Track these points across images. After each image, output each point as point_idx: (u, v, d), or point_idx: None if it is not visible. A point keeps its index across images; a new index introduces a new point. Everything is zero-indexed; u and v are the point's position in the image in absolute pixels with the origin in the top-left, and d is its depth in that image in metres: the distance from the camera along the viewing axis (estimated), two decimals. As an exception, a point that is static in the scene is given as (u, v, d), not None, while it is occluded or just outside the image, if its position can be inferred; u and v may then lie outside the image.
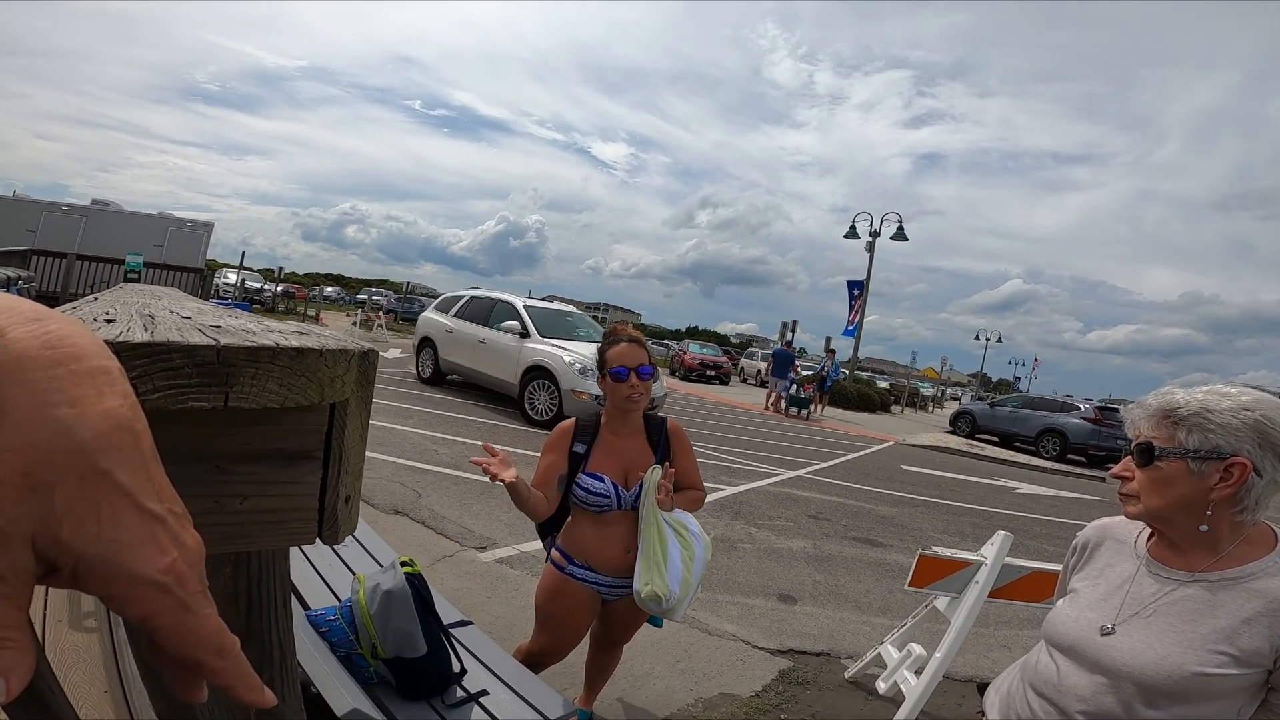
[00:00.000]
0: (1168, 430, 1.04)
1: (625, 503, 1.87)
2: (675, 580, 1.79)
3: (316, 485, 0.48)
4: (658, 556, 1.80)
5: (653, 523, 1.83)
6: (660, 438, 1.99)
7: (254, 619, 0.60)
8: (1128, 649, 1.05)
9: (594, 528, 1.90)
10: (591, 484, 1.86)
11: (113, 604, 0.26)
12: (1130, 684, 1.03)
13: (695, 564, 1.86)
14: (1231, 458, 0.98)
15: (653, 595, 1.76)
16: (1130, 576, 1.13)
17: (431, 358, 10.23)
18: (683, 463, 2.00)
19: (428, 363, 10.34)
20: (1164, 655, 1.01)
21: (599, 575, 1.90)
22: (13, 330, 0.25)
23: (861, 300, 16.15)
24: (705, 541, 1.93)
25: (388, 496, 4.52)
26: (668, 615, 1.84)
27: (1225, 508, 1.00)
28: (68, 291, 13.59)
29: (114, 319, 0.48)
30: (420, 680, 1.54)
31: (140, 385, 0.34)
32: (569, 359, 7.96)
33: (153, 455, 0.27)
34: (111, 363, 0.27)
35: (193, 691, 0.29)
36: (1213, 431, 0.99)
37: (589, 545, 1.91)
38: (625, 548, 1.88)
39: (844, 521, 5.74)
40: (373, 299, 31.92)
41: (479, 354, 9.23)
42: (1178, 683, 0.99)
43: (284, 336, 0.45)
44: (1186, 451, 1.01)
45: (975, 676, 3.10)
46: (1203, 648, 0.99)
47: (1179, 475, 1.02)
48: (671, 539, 1.84)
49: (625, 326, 2.08)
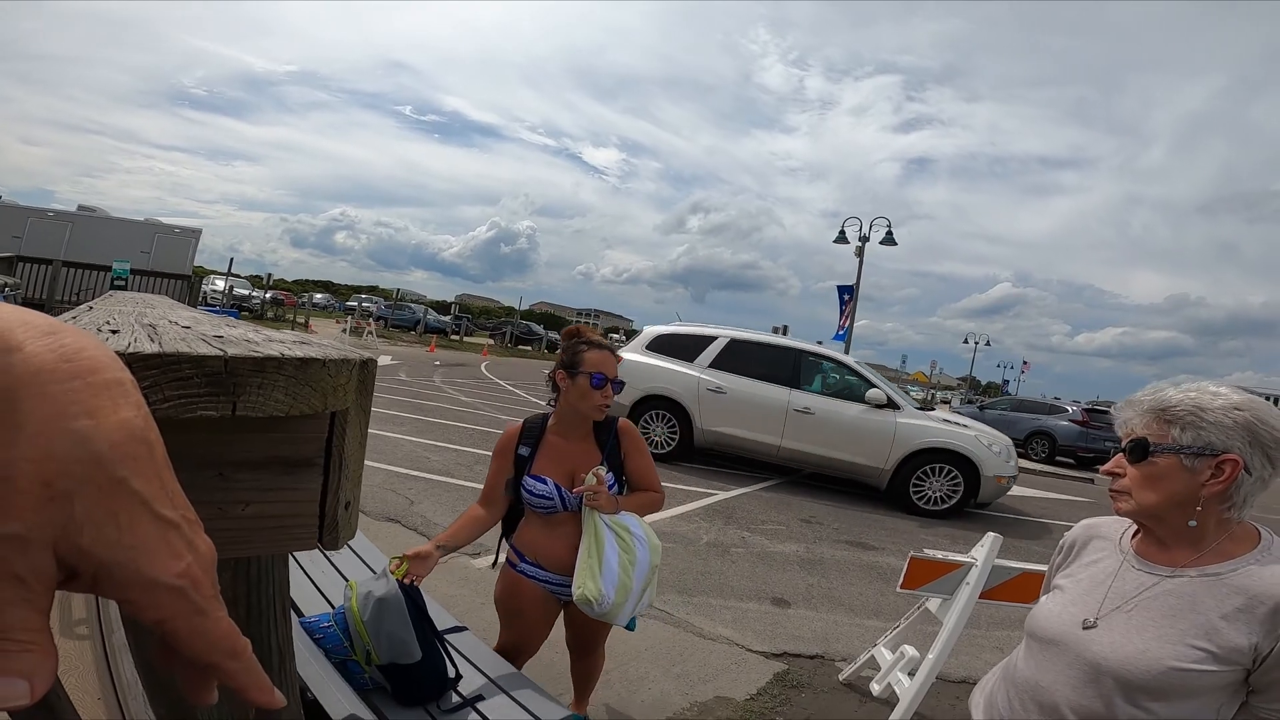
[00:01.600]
0: (1161, 427, 1.05)
1: (570, 504, 1.85)
2: (610, 585, 1.76)
3: (317, 491, 0.48)
4: (593, 560, 1.77)
5: (591, 527, 1.81)
6: (610, 437, 1.95)
7: (253, 624, 0.60)
8: (1108, 642, 1.06)
9: (543, 527, 1.90)
10: (535, 486, 1.85)
11: (130, 608, 0.27)
12: (1110, 678, 1.04)
13: (637, 568, 1.81)
14: (1224, 454, 0.99)
15: (584, 599, 1.74)
16: (1114, 571, 1.14)
17: (674, 424, 7.41)
18: (636, 463, 1.97)
19: (663, 430, 7.45)
20: (1143, 649, 1.02)
21: (549, 574, 1.90)
22: (30, 344, 0.25)
23: (852, 305, 16.23)
24: (651, 545, 1.88)
25: (380, 504, 4.50)
26: (606, 618, 1.80)
27: (1215, 504, 1.02)
28: (53, 298, 13.44)
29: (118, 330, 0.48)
30: (415, 686, 1.54)
31: (151, 395, 0.35)
32: (986, 441, 6.67)
33: (166, 464, 0.28)
34: (125, 375, 0.28)
35: (205, 693, 0.30)
36: (1205, 429, 1.01)
37: (538, 544, 1.91)
38: (573, 546, 1.85)
39: (836, 525, 5.77)
40: (363, 306, 31.78)
41: (798, 428, 7.00)
42: (1155, 677, 1.00)
43: (287, 346, 0.46)
44: (1180, 448, 1.02)
45: (968, 678, 3.12)
46: (1181, 642, 1.00)
47: (1172, 471, 1.03)
48: (610, 542, 1.80)
49: (592, 330, 2.03)
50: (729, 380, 7.29)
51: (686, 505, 5.57)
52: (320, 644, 1.55)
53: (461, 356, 21.42)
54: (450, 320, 32.15)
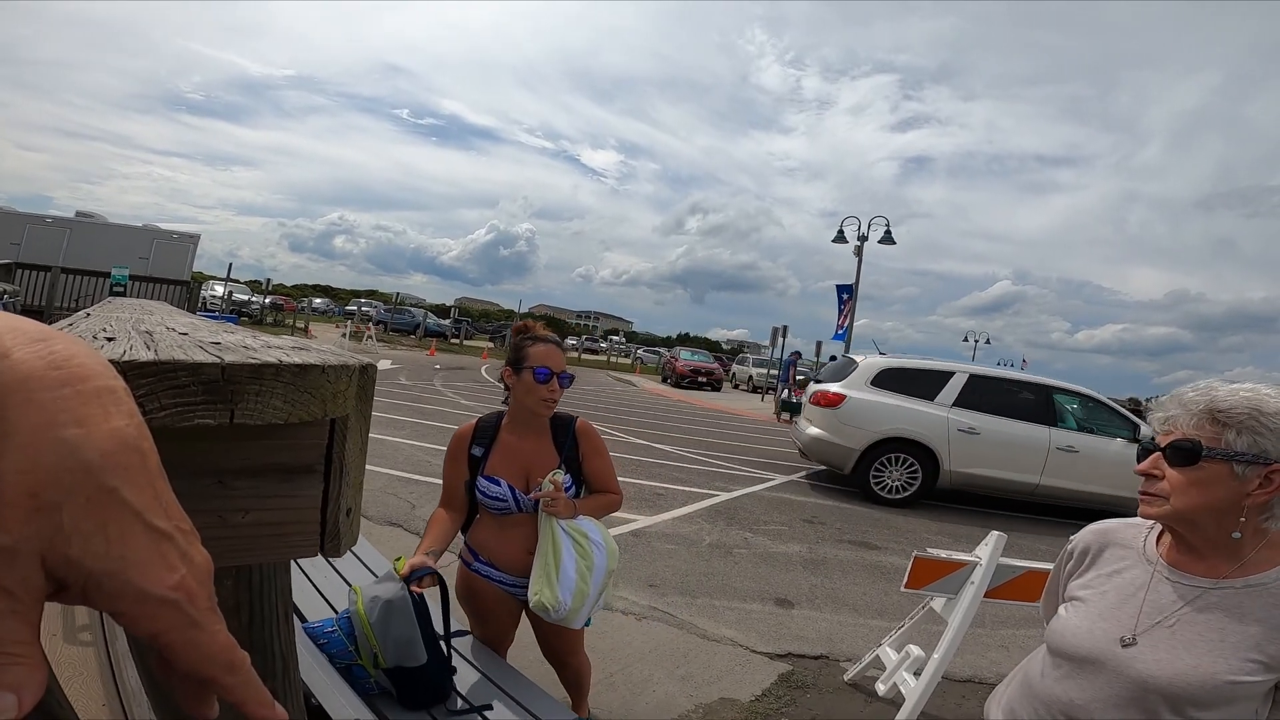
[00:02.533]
0: (1214, 430, 0.97)
1: (524, 506, 1.82)
2: (567, 591, 1.73)
3: (318, 498, 0.48)
4: (550, 567, 1.75)
5: (548, 532, 1.78)
6: (567, 438, 1.90)
7: (256, 631, 0.60)
8: (1154, 660, 1.01)
9: (497, 528, 1.87)
10: (488, 487, 1.82)
11: (123, 621, 0.26)
12: (1157, 695, 1.00)
13: (594, 573, 1.78)
14: (1276, 464, 0.93)
15: (540, 606, 1.72)
16: (1145, 583, 1.07)
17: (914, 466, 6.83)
18: (594, 464, 1.92)
19: (902, 474, 6.85)
20: (1195, 665, 0.98)
21: (502, 574, 1.87)
22: (18, 350, 0.25)
23: (851, 304, 16.20)
24: (609, 549, 1.84)
25: (382, 508, 4.50)
26: (563, 623, 1.78)
27: (1255, 514, 0.97)
28: (52, 305, 13.44)
29: (114, 337, 0.48)
30: (421, 689, 1.53)
31: (146, 404, 0.34)
32: None
33: (160, 473, 0.28)
34: (117, 382, 0.27)
35: (203, 707, 0.30)
36: (1263, 435, 0.94)
37: (492, 544, 1.88)
38: (527, 548, 1.82)
39: (839, 525, 5.75)
40: (362, 310, 31.78)
41: (1059, 465, 6.75)
42: (1210, 692, 0.96)
43: (285, 353, 0.45)
44: (1235, 454, 0.95)
45: (974, 677, 3.12)
46: (1235, 656, 0.96)
47: (1221, 478, 0.96)
48: (567, 548, 1.77)
49: (541, 326, 1.96)
50: (981, 420, 6.86)
51: (689, 506, 5.56)
52: (324, 649, 1.54)
53: (461, 360, 21.42)
54: (450, 324, 32.13)
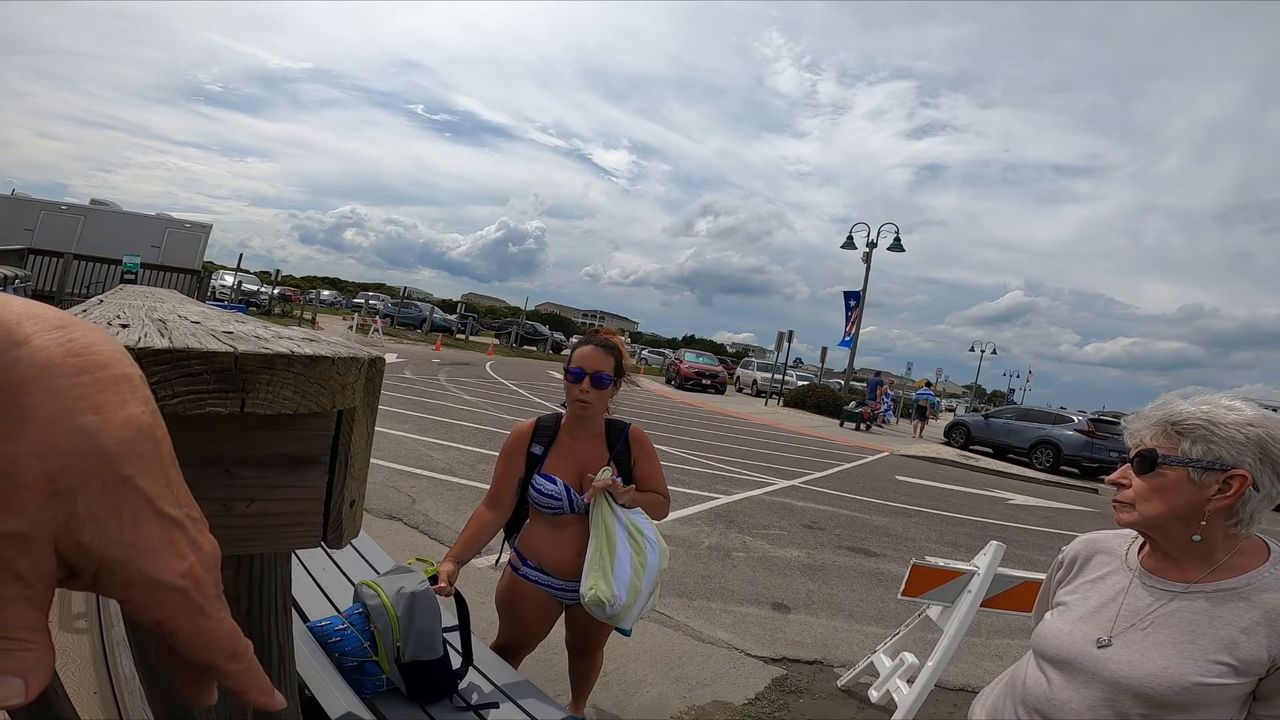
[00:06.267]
0: (1171, 439, 1.04)
1: (577, 506, 1.84)
2: (622, 586, 1.73)
3: (322, 490, 0.48)
4: (604, 560, 1.75)
5: (601, 526, 1.79)
6: (620, 442, 1.94)
7: (254, 620, 0.60)
8: (1126, 661, 1.05)
9: (548, 530, 1.89)
10: (544, 485, 1.84)
11: (131, 607, 0.27)
12: (1129, 696, 1.03)
13: (647, 570, 1.79)
14: (1233, 470, 0.98)
15: (595, 600, 1.72)
16: (1123, 589, 1.13)
17: None
18: (644, 468, 1.96)
19: None
20: (1164, 667, 1.01)
21: (551, 578, 1.89)
22: (38, 338, 0.25)
23: (858, 311, 16.18)
24: (661, 549, 1.87)
25: (382, 502, 4.51)
26: (613, 621, 1.78)
27: (1220, 519, 1.01)
28: (64, 291, 13.52)
29: (128, 324, 0.48)
30: (434, 682, 1.52)
31: (160, 391, 0.35)
32: None
33: (172, 461, 0.28)
34: (134, 370, 0.28)
35: (204, 694, 0.30)
36: (1216, 443, 1.00)
37: (542, 548, 1.90)
38: (577, 551, 1.84)
39: (838, 531, 5.75)
40: (369, 303, 31.86)
41: None
42: (1179, 693, 0.99)
43: (296, 344, 0.46)
44: (1190, 461, 1.01)
45: (967, 685, 3.11)
46: (1203, 658, 0.99)
47: (1179, 484, 1.02)
48: (623, 542, 1.78)
49: (606, 331, 2.03)
50: None
51: (688, 509, 5.56)
52: (336, 647, 1.51)
53: (466, 355, 21.45)
54: (456, 319, 32.15)
